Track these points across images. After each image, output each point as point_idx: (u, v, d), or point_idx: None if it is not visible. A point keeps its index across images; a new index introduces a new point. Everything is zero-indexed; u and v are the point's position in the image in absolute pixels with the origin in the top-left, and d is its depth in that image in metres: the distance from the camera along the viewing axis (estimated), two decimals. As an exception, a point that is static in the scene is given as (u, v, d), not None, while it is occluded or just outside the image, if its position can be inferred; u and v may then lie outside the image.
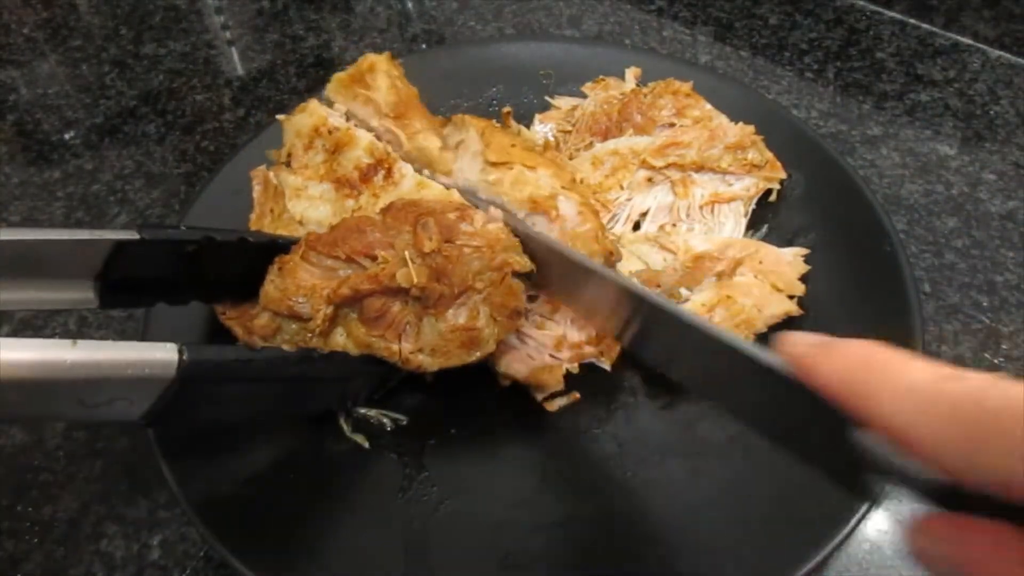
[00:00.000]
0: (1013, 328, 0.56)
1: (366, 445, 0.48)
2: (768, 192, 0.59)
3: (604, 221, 0.56)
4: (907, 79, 0.75)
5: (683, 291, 0.53)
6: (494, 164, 0.49)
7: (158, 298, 0.45)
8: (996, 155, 0.67)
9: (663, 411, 0.49)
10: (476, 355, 0.45)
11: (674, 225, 0.57)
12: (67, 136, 0.76)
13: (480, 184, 0.49)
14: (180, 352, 0.34)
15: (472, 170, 0.50)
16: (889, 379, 0.20)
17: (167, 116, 0.77)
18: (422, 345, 0.45)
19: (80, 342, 0.31)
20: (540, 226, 0.47)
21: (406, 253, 0.43)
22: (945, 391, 0.19)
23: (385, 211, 0.46)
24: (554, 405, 0.49)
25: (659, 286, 0.53)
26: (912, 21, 0.80)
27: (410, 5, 0.88)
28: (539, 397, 0.49)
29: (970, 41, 0.77)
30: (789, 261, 0.54)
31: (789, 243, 0.56)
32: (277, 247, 0.46)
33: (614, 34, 0.82)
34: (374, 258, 0.44)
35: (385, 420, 0.49)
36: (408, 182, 0.49)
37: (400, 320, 0.45)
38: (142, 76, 0.82)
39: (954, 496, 0.21)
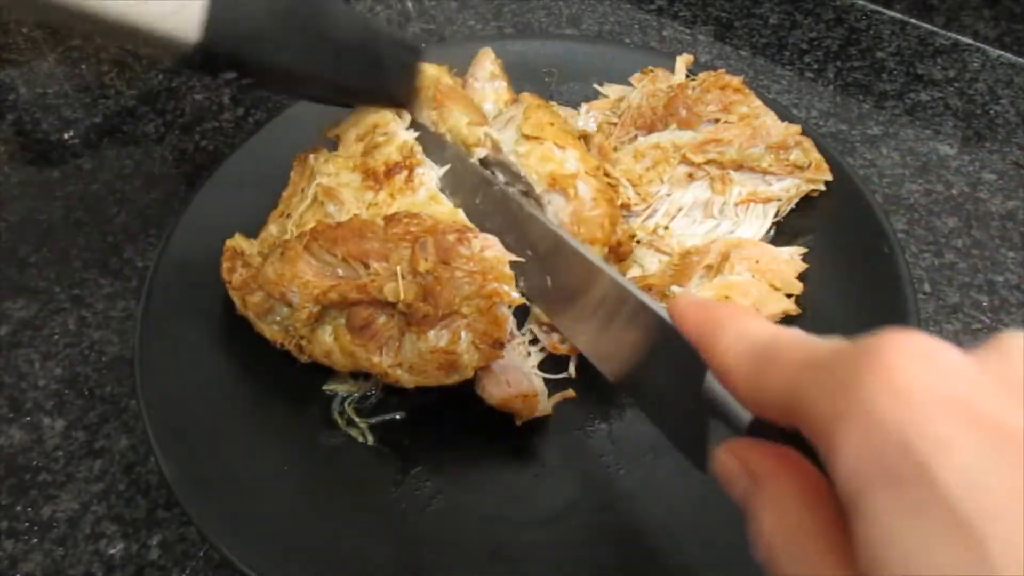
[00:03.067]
0: (1013, 328, 0.56)
1: (360, 439, 0.48)
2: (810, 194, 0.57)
3: (643, 213, 0.57)
4: (907, 79, 0.75)
5: (675, 288, 0.52)
6: (527, 137, 0.51)
7: None
8: (996, 155, 0.67)
9: (661, 411, 0.49)
10: (454, 378, 0.45)
11: (666, 228, 0.57)
12: (66, 136, 0.76)
13: (510, 155, 0.51)
14: None
15: (507, 141, 0.52)
16: (732, 326, 0.25)
17: (166, 116, 0.77)
18: (401, 361, 0.45)
19: None
20: (556, 204, 0.49)
21: (398, 268, 0.43)
22: (758, 335, 0.24)
23: (388, 220, 0.46)
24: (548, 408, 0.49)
25: (651, 288, 0.53)
26: (912, 21, 0.80)
27: (410, 5, 0.88)
28: (518, 423, 0.47)
29: (970, 41, 0.77)
30: (787, 260, 0.53)
31: (788, 243, 0.56)
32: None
33: (614, 33, 0.82)
34: (367, 265, 0.44)
35: (369, 436, 0.49)
36: (423, 192, 0.49)
37: (383, 333, 0.45)
38: (141, 76, 0.82)
39: (758, 431, 0.26)
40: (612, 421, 0.49)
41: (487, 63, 0.61)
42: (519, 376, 0.47)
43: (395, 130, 0.52)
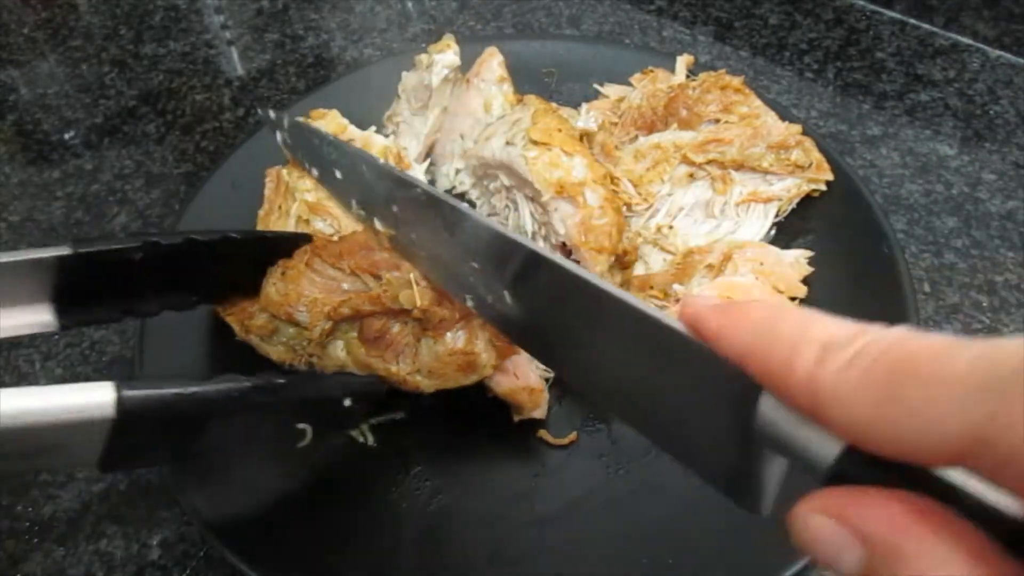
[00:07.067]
0: (1013, 328, 0.56)
1: (360, 439, 0.48)
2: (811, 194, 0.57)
3: (645, 213, 0.57)
4: (907, 79, 0.75)
5: (676, 287, 0.52)
6: (535, 142, 0.50)
7: (121, 313, 0.42)
8: (996, 155, 0.67)
9: (661, 410, 0.49)
10: (473, 378, 0.45)
11: (671, 227, 0.57)
12: (67, 136, 0.76)
13: (517, 159, 0.50)
14: (117, 389, 0.32)
15: (515, 145, 0.51)
16: (803, 336, 0.19)
17: (167, 116, 0.77)
18: (419, 366, 0.45)
19: (4, 391, 0.29)
20: (564, 211, 0.49)
21: (411, 275, 0.43)
22: (864, 343, 0.18)
23: None
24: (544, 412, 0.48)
25: (651, 287, 0.53)
26: (912, 21, 0.80)
27: (410, 5, 0.88)
28: (516, 418, 0.48)
29: (970, 41, 0.77)
30: (791, 262, 0.53)
31: (787, 245, 0.56)
32: (234, 242, 0.44)
33: (614, 33, 0.82)
34: (378, 276, 0.44)
35: (370, 436, 0.49)
36: None
37: (399, 341, 0.45)
38: (142, 76, 0.82)
39: (851, 470, 0.19)
40: (612, 421, 0.49)
41: (494, 64, 0.61)
42: (527, 370, 0.47)
43: (368, 137, 0.52)
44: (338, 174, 0.48)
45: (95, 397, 0.31)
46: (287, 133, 0.52)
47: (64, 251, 0.38)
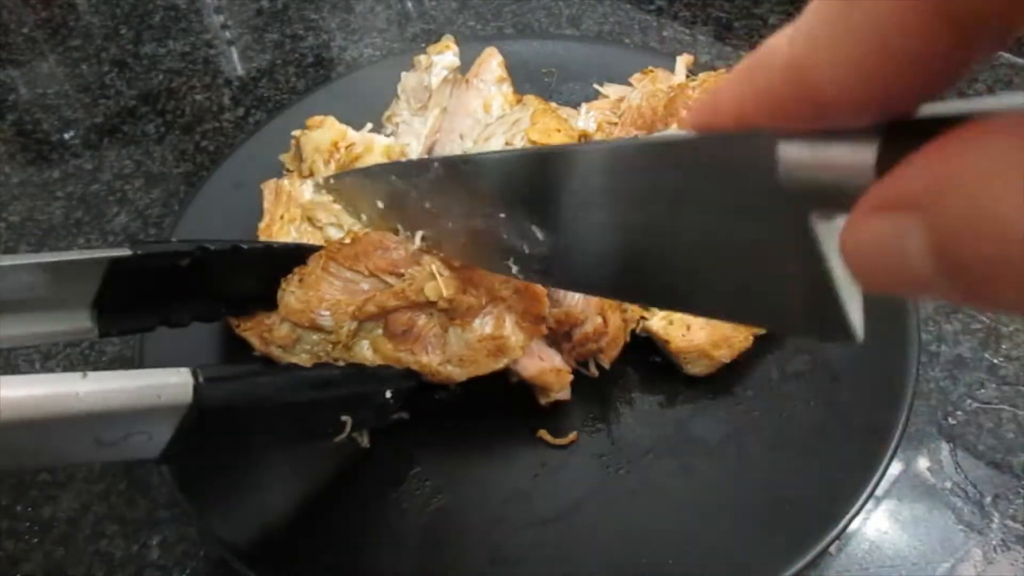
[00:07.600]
0: (1013, 328, 0.56)
1: (360, 439, 0.48)
2: None
3: None
4: (907, 79, 0.75)
5: None
6: (534, 143, 0.51)
7: (158, 322, 0.42)
8: (996, 155, 0.67)
9: (657, 409, 0.49)
10: (503, 362, 0.45)
11: None
12: (67, 136, 0.76)
13: None
14: (195, 375, 0.32)
15: (515, 145, 0.52)
16: (776, 43, 0.17)
17: (167, 116, 0.77)
18: (449, 356, 0.45)
19: (91, 373, 0.29)
20: None
21: (432, 267, 0.43)
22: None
23: None
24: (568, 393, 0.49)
25: None
26: (912, 21, 0.80)
27: (410, 5, 0.88)
28: (542, 401, 0.48)
29: (970, 41, 0.77)
30: None
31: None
32: (274, 253, 0.45)
33: (614, 33, 0.82)
34: (399, 275, 0.44)
35: (365, 436, 0.49)
36: None
37: (427, 333, 0.45)
38: (142, 76, 0.82)
39: (891, 141, 0.16)
40: (612, 421, 0.49)
41: (494, 64, 0.61)
42: (551, 352, 0.47)
43: (369, 139, 0.52)
44: (380, 204, 0.47)
45: (174, 379, 0.32)
46: (335, 192, 0.52)
47: (124, 252, 0.37)
